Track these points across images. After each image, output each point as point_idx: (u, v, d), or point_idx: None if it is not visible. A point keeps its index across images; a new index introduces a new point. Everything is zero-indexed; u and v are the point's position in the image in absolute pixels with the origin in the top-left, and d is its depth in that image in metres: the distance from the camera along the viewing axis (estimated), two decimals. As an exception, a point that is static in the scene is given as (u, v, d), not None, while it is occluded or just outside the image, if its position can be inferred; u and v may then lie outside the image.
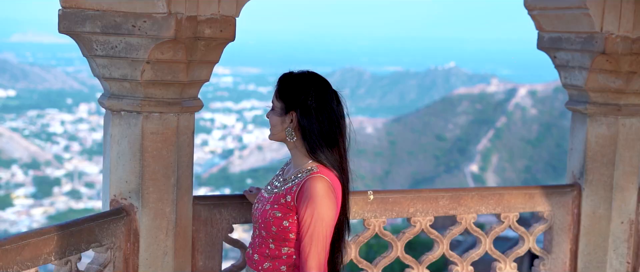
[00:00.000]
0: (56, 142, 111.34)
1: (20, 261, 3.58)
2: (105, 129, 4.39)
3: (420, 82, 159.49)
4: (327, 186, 3.58)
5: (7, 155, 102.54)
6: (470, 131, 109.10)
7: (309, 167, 3.66)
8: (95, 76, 4.36)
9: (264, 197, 3.81)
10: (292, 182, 3.67)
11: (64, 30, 4.22)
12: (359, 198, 4.89)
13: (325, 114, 3.65)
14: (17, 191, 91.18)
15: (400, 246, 5.02)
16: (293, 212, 3.62)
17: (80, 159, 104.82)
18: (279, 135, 3.75)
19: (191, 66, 4.20)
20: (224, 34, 4.20)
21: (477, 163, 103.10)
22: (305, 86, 3.68)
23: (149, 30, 4.01)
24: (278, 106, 3.73)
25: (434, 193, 5.05)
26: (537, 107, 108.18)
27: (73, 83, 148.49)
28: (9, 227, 78.95)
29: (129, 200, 4.26)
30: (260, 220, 3.73)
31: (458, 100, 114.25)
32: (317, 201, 3.54)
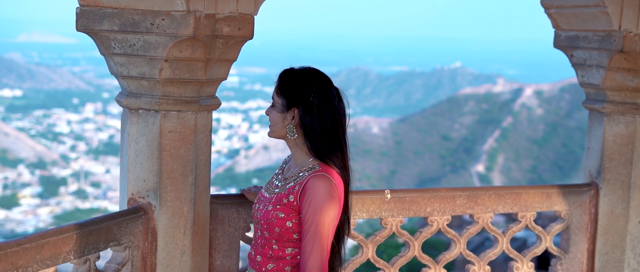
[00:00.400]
0: (62, 142, 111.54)
1: (39, 260, 3.57)
2: (122, 128, 4.37)
3: (426, 82, 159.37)
4: (330, 185, 3.51)
5: (14, 155, 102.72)
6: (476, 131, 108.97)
7: (311, 166, 3.59)
8: (113, 74, 4.34)
9: (265, 197, 3.73)
10: (294, 182, 3.60)
11: (81, 28, 4.20)
12: (376, 197, 4.86)
13: (327, 111, 3.57)
14: (24, 191, 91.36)
15: (417, 246, 5.00)
16: (296, 212, 3.55)
17: (87, 158, 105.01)
18: (279, 132, 3.68)
19: (209, 64, 4.18)
20: (242, 32, 4.18)
21: (483, 163, 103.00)
22: (307, 82, 3.61)
23: (168, 28, 4.00)
24: (279, 103, 3.66)
25: (451, 192, 5.02)
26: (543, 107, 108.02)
27: (79, 83, 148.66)
28: (16, 226, 79.10)
29: (147, 199, 4.24)
30: (262, 221, 3.66)
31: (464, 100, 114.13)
32: (320, 200, 3.48)
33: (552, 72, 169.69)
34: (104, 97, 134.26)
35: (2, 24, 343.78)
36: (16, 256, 3.44)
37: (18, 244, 3.46)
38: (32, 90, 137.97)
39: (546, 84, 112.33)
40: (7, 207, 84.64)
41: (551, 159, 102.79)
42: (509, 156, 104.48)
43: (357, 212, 4.82)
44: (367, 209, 4.84)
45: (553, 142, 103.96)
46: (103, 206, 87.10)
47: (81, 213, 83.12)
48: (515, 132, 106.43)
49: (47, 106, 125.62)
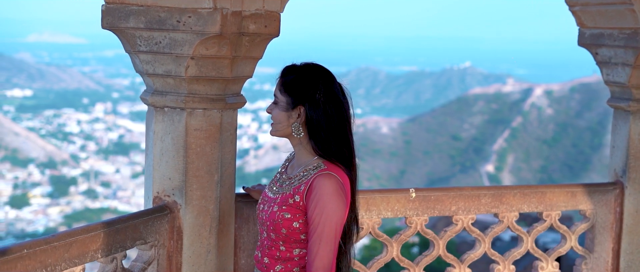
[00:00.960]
0: (72, 142, 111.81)
1: (68, 258, 3.55)
2: (147, 126, 4.34)
3: (436, 81, 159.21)
4: (337, 184, 3.42)
5: (24, 154, 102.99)
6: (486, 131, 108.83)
7: (316, 164, 3.50)
8: (138, 72, 4.32)
9: (270, 198, 3.64)
10: (299, 181, 3.51)
11: (107, 26, 4.18)
12: (401, 196, 4.84)
13: (334, 107, 3.48)
14: (34, 190, 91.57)
15: (442, 245, 4.96)
16: (302, 212, 3.47)
17: (96, 158, 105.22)
18: (284, 131, 3.58)
19: (235, 62, 4.16)
20: (269, 29, 4.16)
21: (492, 163, 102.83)
22: (312, 79, 3.51)
23: (194, 26, 3.97)
24: (283, 101, 3.55)
25: (476, 191, 4.99)
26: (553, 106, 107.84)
27: (89, 83, 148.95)
28: (26, 226, 79.32)
29: (173, 197, 4.22)
30: (268, 222, 3.56)
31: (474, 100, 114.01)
32: (326, 199, 3.39)
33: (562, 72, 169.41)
34: (113, 97, 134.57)
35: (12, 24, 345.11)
36: (45, 255, 3.42)
37: (47, 242, 3.44)
38: (42, 90, 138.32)
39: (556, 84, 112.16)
40: (17, 206, 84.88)
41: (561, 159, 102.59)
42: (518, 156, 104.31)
43: (382, 211, 4.79)
44: (392, 207, 4.81)
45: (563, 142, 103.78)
46: (113, 205, 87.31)
47: (91, 213, 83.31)
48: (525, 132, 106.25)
49: (57, 106, 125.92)
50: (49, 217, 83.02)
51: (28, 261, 3.33)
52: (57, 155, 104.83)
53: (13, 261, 3.26)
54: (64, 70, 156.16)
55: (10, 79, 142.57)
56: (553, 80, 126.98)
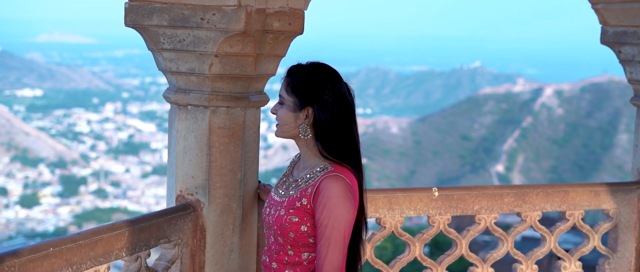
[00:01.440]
0: (82, 142, 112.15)
1: (93, 257, 3.53)
2: (170, 124, 4.32)
3: (446, 81, 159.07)
4: (345, 185, 3.35)
5: (34, 154, 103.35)
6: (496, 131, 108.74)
7: (323, 166, 3.42)
8: (161, 70, 4.30)
9: (276, 201, 3.55)
10: (306, 184, 3.43)
11: (130, 23, 4.16)
12: (424, 195, 4.81)
13: (341, 108, 3.42)
14: (44, 190, 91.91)
15: (464, 244, 4.93)
16: (310, 215, 3.39)
17: (106, 158, 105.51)
18: (290, 132, 3.51)
19: (259, 60, 4.14)
20: (293, 27, 4.14)
21: (502, 163, 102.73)
22: (320, 80, 3.44)
23: (218, 23, 3.95)
24: (290, 101, 3.48)
25: (498, 190, 4.95)
26: (563, 106, 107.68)
27: (99, 83, 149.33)
28: (36, 225, 79.60)
29: (196, 196, 4.20)
30: (275, 226, 3.47)
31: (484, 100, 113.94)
32: (334, 201, 3.31)
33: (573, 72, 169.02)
34: (123, 97, 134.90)
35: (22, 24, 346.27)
36: (71, 253, 3.41)
37: (72, 241, 3.42)
38: (52, 90, 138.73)
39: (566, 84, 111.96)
40: (27, 206, 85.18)
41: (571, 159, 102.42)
42: (529, 156, 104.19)
43: (405, 210, 4.77)
44: (415, 206, 4.78)
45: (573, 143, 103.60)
46: (123, 205, 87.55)
47: (101, 212, 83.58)
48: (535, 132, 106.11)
49: (67, 106, 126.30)
50: (59, 216, 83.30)
51: (54, 259, 3.32)
52: (67, 155, 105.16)
53: (39, 259, 3.25)
54: (74, 70, 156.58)
55: (21, 78, 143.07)
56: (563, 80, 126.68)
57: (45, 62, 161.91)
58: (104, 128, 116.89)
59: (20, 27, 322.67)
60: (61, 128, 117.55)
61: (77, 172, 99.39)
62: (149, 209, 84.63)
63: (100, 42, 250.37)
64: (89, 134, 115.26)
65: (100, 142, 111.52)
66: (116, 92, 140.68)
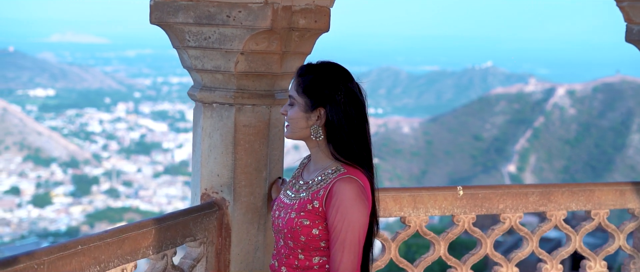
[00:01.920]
0: (94, 141, 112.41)
1: (120, 255, 3.52)
2: (195, 122, 4.31)
3: (457, 81, 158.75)
4: (358, 188, 3.26)
5: (47, 154, 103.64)
6: (508, 131, 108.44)
7: (335, 168, 3.34)
8: (185, 68, 4.29)
9: (286, 204, 3.46)
10: (318, 186, 3.34)
11: (155, 21, 4.15)
12: (449, 193, 4.78)
13: (354, 108, 3.34)
14: (57, 189, 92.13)
15: (489, 243, 4.90)
16: (322, 218, 3.29)
17: (118, 157, 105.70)
18: (301, 133, 3.41)
19: (285, 57, 4.12)
20: (319, 24, 4.11)
21: (514, 163, 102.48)
22: (333, 80, 3.35)
23: (244, 21, 3.93)
24: (301, 102, 3.38)
25: (523, 189, 4.92)
26: (575, 106, 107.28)
27: (111, 82, 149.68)
28: (48, 225, 79.78)
29: (221, 194, 4.18)
30: (285, 229, 3.37)
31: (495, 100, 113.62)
32: (348, 204, 3.22)
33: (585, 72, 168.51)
34: (135, 97, 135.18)
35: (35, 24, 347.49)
36: (98, 251, 3.40)
37: (100, 239, 3.41)
38: (64, 90, 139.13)
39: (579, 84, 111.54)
40: (40, 205, 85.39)
41: (584, 159, 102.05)
42: (541, 156, 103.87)
43: (430, 209, 4.74)
44: (439, 205, 4.75)
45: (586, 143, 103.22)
46: (135, 204, 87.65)
47: (113, 212, 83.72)
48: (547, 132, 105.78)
49: (80, 105, 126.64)
50: (71, 216, 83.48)
51: (82, 257, 3.31)
52: (79, 154, 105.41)
53: (68, 256, 3.24)
54: (86, 70, 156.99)
55: (33, 78, 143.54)
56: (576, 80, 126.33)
57: (57, 62, 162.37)
58: (116, 128, 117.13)
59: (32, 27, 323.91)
60: (73, 128, 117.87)
61: (89, 171, 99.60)
62: (160, 208, 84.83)
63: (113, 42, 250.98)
64: (101, 133, 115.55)
65: (112, 142, 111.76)
66: (128, 92, 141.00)
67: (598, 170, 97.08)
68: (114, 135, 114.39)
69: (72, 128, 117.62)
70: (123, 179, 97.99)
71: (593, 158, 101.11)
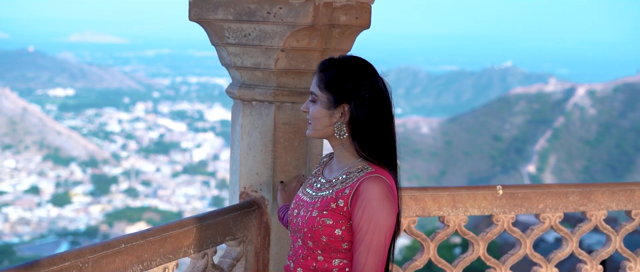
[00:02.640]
0: (113, 141, 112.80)
1: (162, 253, 3.49)
2: (233, 120, 4.27)
3: (477, 81, 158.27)
4: (386, 188, 3.10)
5: (66, 153, 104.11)
6: (528, 131, 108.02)
7: (360, 166, 3.18)
8: (224, 65, 4.25)
9: (306, 202, 3.29)
10: (343, 185, 3.18)
11: (194, 18, 4.11)
12: (488, 193, 4.71)
13: (379, 105, 3.17)
14: (76, 189, 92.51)
15: (529, 243, 4.83)
16: (346, 218, 3.13)
17: (137, 157, 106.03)
18: (324, 131, 3.24)
19: (325, 54, 4.07)
20: (360, 21, 4.07)
21: (534, 163, 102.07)
22: (357, 74, 3.18)
23: (286, 17, 3.89)
24: (324, 98, 3.21)
25: (563, 188, 4.84)
26: (596, 107, 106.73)
27: (130, 82, 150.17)
28: (68, 224, 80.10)
29: (260, 193, 4.14)
30: (305, 229, 3.20)
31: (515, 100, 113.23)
32: (375, 204, 3.06)
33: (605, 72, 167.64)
34: (154, 97, 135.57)
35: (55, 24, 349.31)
36: (141, 249, 3.37)
37: (143, 237, 3.39)
38: (84, 90, 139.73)
39: (599, 84, 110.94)
40: (59, 204, 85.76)
41: (604, 159, 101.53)
42: (560, 156, 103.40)
43: (469, 209, 4.68)
44: (479, 205, 4.68)
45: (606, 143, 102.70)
46: (153, 204, 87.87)
47: (132, 211, 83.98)
48: (567, 133, 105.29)
49: (99, 105, 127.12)
50: (90, 215, 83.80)
51: (126, 255, 3.29)
52: (98, 154, 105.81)
53: (112, 255, 3.22)
54: (105, 70, 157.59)
55: (53, 78, 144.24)
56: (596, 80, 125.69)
57: (77, 62, 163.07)
58: (135, 127, 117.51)
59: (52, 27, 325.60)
60: (93, 127, 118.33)
61: (108, 171, 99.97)
62: (179, 208, 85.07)
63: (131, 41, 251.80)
64: (120, 133, 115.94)
65: (131, 142, 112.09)
66: (147, 91, 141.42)
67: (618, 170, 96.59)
68: (132, 134, 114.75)
69: (92, 128, 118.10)
70: (142, 179, 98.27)
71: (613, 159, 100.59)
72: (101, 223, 79.91)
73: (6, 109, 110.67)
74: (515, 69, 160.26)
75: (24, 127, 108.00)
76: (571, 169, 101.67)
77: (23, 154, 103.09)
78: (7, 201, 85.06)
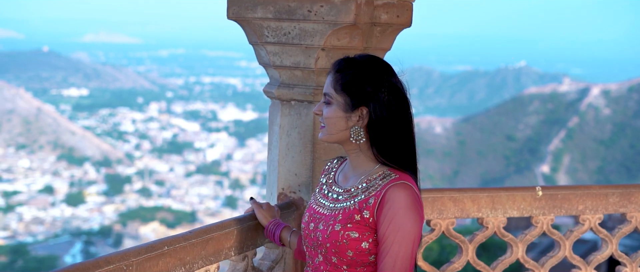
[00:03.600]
0: (127, 141, 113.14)
1: (204, 256, 3.43)
2: (271, 120, 4.21)
3: (490, 81, 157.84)
4: (413, 195, 2.93)
5: (80, 153, 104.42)
6: (541, 131, 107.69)
7: (381, 172, 3.01)
8: (262, 64, 4.19)
9: (323, 215, 3.09)
10: (365, 194, 2.99)
11: (232, 16, 4.06)
12: (527, 194, 4.64)
13: (399, 107, 2.99)
14: (90, 188, 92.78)
15: (568, 246, 4.76)
16: (372, 230, 2.95)
17: (151, 157, 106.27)
18: (339, 135, 3.06)
19: (366, 53, 4.01)
20: (401, 19, 4.01)
21: (548, 164, 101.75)
22: (376, 75, 3.01)
23: (327, 16, 3.83)
24: (340, 101, 3.02)
25: (603, 189, 4.77)
26: (610, 106, 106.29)
27: (144, 82, 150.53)
28: (82, 223, 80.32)
29: (299, 193, 4.09)
30: (328, 244, 3.00)
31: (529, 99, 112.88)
32: (402, 214, 2.89)
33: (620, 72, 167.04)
34: (167, 97, 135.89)
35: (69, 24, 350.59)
36: (184, 252, 3.32)
37: (185, 239, 3.33)
38: (98, 90, 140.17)
39: (614, 84, 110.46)
40: (73, 204, 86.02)
41: (618, 160, 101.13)
42: (575, 156, 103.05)
43: (508, 210, 4.61)
44: (518, 206, 4.62)
45: (620, 143, 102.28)
46: (167, 204, 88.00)
47: (145, 211, 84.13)
48: (582, 133, 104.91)
49: (113, 105, 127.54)
50: (104, 215, 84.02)
51: (169, 258, 3.23)
52: (112, 153, 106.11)
53: (155, 258, 3.16)
54: (119, 70, 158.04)
55: (67, 78, 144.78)
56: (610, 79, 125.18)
57: (90, 62, 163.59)
58: (149, 127, 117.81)
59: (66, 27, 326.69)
60: (106, 127, 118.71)
61: (121, 171, 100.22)
62: (192, 208, 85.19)
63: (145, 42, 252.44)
64: (133, 133, 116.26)
65: (144, 141, 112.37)
66: (160, 91, 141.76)
67: (633, 171, 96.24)
68: (146, 134, 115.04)
69: (105, 127, 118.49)
70: (155, 179, 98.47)
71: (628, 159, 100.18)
72: (115, 223, 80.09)
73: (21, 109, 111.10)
74: (529, 69, 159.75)
75: (38, 127, 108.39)
76: (585, 170, 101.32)
77: (37, 154, 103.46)
78: (22, 201, 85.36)
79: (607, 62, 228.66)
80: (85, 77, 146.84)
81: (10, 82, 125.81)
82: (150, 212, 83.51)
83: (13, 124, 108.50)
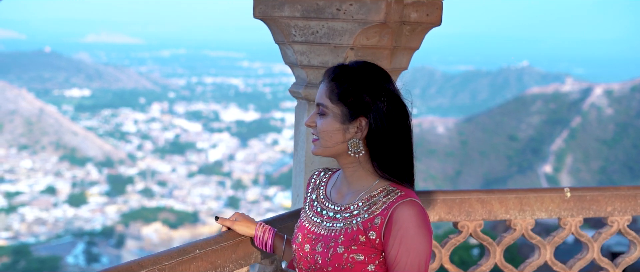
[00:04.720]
0: (129, 141, 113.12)
1: (235, 259, 3.38)
2: (297, 120, 4.15)
3: (493, 81, 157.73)
4: (421, 212, 2.75)
5: (82, 153, 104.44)
6: (544, 131, 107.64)
7: (384, 188, 2.83)
8: (288, 64, 4.12)
9: (321, 235, 2.89)
10: (369, 213, 2.81)
11: (259, 15, 3.99)
12: (555, 195, 4.58)
13: (399, 116, 2.81)
14: (92, 189, 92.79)
15: (596, 248, 4.69)
16: (379, 252, 2.77)
17: (153, 157, 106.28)
18: (335, 148, 2.86)
19: (395, 53, 3.95)
20: (430, 18, 3.94)
21: (550, 164, 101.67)
22: (374, 83, 2.81)
23: (356, 14, 3.76)
24: (337, 111, 2.82)
25: (632, 191, 4.70)
26: (613, 106, 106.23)
27: (146, 83, 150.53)
28: (84, 224, 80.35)
29: (326, 195, 4.01)
30: (329, 267, 2.81)
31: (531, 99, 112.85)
32: (413, 233, 2.71)
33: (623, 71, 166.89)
34: (170, 97, 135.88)
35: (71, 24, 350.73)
36: (215, 255, 3.27)
37: (216, 242, 3.29)
38: (100, 90, 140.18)
39: (616, 84, 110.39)
40: (75, 205, 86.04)
41: (621, 160, 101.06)
42: (577, 156, 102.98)
43: (536, 212, 4.54)
44: (546, 208, 4.55)
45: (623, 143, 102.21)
46: (169, 204, 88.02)
47: (147, 212, 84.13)
48: (584, 133, 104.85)
49: (115, 105, 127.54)
50: (106, 215, 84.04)
51: (200, 261, 3.19)
52: (114, 154, 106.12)
53: (187, 261, 3.13)
54: (121, 70, 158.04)
55: (69, 78, 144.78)
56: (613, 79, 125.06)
57: (92, 63, 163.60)
58: (151, 128, 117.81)
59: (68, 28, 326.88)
60: (108, 128, 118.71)
61: (124, 171, 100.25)
62: (194, 208, 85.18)
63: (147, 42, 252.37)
64: (135, 133, 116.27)
65: (146, 142, 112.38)
66: (162, 92, 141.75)
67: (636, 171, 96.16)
68: (148, 135, 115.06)
69: (107, 128, 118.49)
70: (157, 179, 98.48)
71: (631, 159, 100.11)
72: (117, 223, 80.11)
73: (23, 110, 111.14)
74: (532, 69, 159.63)
75: (40, 127, 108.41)
76: (588, 170, 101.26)
77: (39, 155, 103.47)
78: (24, 201, 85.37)
79: (610, 61, 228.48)
80: (87, 78, 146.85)
81: (12, 82, 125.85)
82: (153, 213, 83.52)
83: (15, 124, 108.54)
